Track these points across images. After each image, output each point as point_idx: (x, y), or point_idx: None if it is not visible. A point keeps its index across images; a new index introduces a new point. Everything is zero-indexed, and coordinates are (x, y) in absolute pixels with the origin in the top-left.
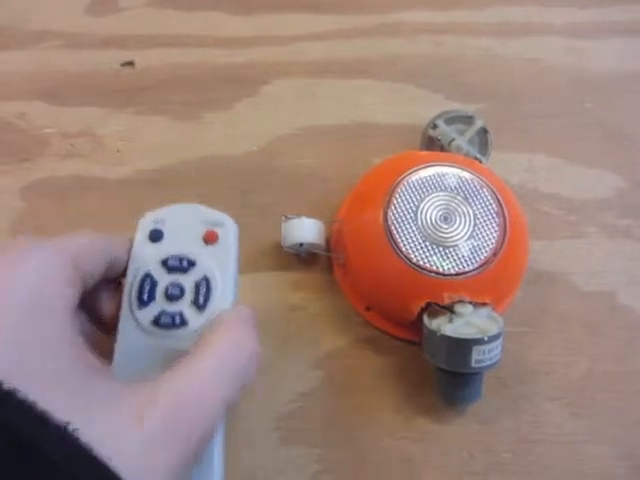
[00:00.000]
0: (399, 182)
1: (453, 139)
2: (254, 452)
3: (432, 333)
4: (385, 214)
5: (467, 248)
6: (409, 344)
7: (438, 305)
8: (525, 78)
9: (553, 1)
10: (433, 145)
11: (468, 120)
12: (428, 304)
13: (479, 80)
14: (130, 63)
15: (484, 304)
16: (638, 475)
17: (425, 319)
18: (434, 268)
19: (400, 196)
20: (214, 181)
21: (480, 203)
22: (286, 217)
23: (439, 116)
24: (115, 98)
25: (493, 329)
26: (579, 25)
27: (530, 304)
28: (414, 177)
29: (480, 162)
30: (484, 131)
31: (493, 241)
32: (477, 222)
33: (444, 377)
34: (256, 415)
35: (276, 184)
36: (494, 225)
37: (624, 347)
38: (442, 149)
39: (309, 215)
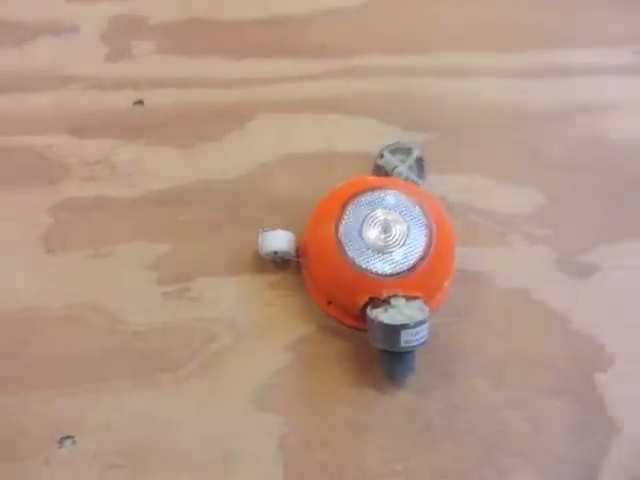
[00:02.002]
0: (348, 202)
1: (396, 166)
2: (234, 418)
3: (372, 321)
4: (337, 227)
5: (401, 254)
6: (362, 332)
7: (378, 299)
8: (467, 111)
9: (492, 46)
10: (381, 171)
11: (408, 151)
12: (371, 298)
13: (429, 113)
14: (140, 102)
15: (415, 298)
16: (539, 431)
17: (368, 310)
18: (374, 270)
19: (349, 213)
20: (208, 200)
21: (412, 218)
22: (263, 229)
23: (385, 148)
24: (128, 131)
25: (419, 316)
26: (513, 67)
27: (461, 299)
28: (361, 198)
29: (417, 185)
30: (421, 160)
31: (421, 248)
32: (409, 233)
33: (384, 356)
34: (237, 388)
35: (259, 203)
36: (423, 235)
37: (536, 333)
38: (387, 174)
39: (284, 228)
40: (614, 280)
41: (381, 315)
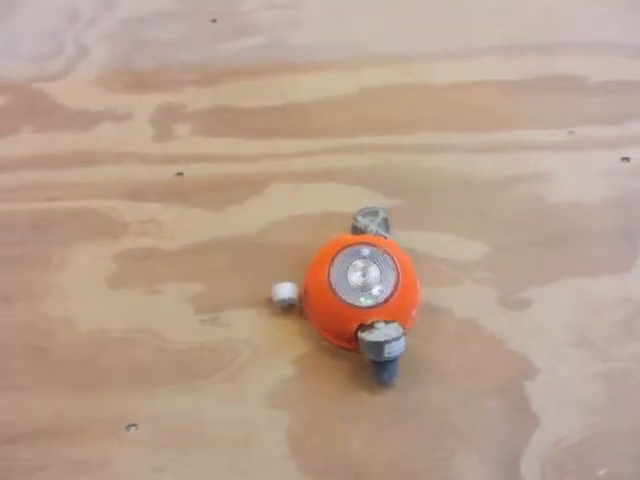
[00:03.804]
0: (336, 254)
1: (367, 225)
2: (253, 412)
3: (362, 340)
4: (329, 272)
5: (377, 290)
6: (348, 351)
7: (365, 324)
8: (433, 181)
9: (454, 128)
10: (357, 231)
11: (375, 213)
12: (360, 325)
13: (405, 182)
14: (181, 174)
15: (392, 321)
16: (479, 422)
17: (359, 333)
18: (358, 304)
19: (337, 262)
20: (232, 250)
21: (383, 263)
22: (275, 283)
23: (358, 212)
24: (171, 197)
25: (394, 334)
26: (470, 144)
27: (425, 325)
28: (345, 250)
29: (385, 238)
30: (386, 219)
31: (391, 286)
32: (382, 275)
33: (373, 365)
34: (255, 390)
35: (271, 252)
36: (392, 276)
37: (481, 352)
38: (362, 232)
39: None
40: (541, 312)
41: (368, 336)
